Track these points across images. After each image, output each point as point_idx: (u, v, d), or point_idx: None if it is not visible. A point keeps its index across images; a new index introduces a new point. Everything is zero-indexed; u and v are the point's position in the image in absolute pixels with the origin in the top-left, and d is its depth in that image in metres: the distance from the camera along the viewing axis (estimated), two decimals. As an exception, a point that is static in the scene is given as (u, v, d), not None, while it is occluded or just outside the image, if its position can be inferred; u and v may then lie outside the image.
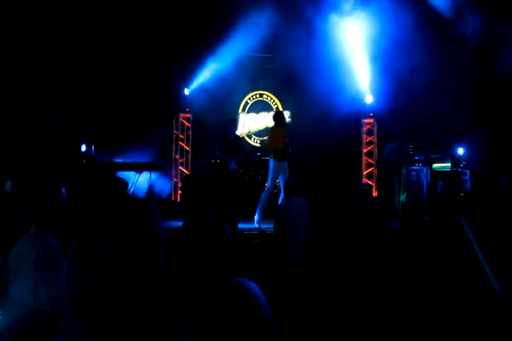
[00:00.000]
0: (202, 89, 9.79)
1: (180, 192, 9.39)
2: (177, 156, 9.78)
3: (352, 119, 10.53)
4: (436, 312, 3.17)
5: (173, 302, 2.09)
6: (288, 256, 5.03)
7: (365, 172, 10.78)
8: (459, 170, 9.42)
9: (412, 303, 3.54)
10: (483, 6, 8.87)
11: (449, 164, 9.61)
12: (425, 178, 9.70)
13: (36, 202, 2.01)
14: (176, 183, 9.63)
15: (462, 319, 2.87)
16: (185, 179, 2.66)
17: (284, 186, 5.51)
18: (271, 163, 6.80)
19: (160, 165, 7.58)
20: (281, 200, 5.66)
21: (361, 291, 4.64)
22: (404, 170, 8.72)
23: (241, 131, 10.54)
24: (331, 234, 5.48)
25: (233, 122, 8.22)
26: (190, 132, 9.96)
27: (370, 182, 10.66)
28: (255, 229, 6.76)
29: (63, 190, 2.09)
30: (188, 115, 9.90)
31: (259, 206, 6.82)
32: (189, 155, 9.92)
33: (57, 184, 2.07)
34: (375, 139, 10.72)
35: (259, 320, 0.94)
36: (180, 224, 2.51)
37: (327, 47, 9.60)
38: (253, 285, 1.00)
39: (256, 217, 6.81)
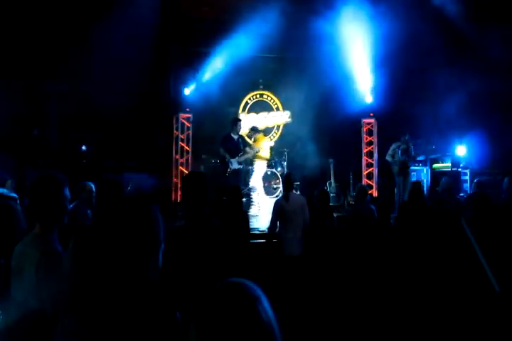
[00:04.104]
0: (202, 89, 9.78)
1: (180, 191, 9.39)
2: (177, 156, 9.78)
3: (352, 119, 10.53)
4: (435, 311, 3.17)
5: (174, 301, 2.09)
6: (287, 252, 5.03)
7: (365, 172, 10.78)
8: (459, 170, 9.42)
9: (412, 302, 3.54)
10: (482, 6, 8.88)
11: (449, 164, 9.61)
12: (425, 178, 9.71)
13: (40, 202, 2.01)
14: (176, 183, 9.63)
15: (462, 319, 2.87)
16: (185, 177, 2.64)
17: (284, 181, 5.48)
18: None
19: (159, 165, 7.59)
20: (281, 195, 5.61)
21: (360, 289, 4.65)
22: (410, 171, 8.73)
23: (241, 131, 10.53)
24: (330, 232, 5.49)
25: (237, 122, 8.19)
26: (190, 132, 9.96)
27: (370, 182, 10.67)
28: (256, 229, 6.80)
29: (67, 190, 2.09)
30: (188, 115, 9.90)
31: None
32: (189, 155, 9.92)
33: (61, 184, 2.07)
34: (375, 139, 10.72)
35: (259, 320, 0.94)
36: (180, 223, 2.51)
37: (328, 47, 9.60)
38: (253, 286, 1.00)
39: None
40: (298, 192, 9.43)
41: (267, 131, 11.23)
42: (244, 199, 8.08)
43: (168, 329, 1.27)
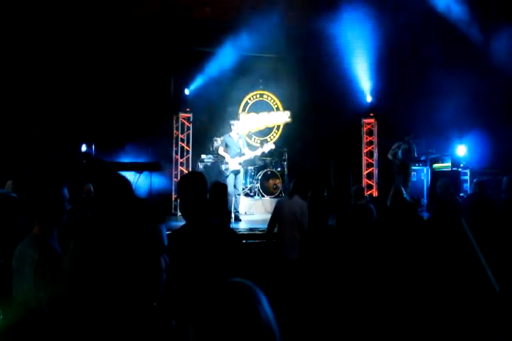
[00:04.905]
0: (202, 89, 9.79)
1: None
2: (177, 156, 9.78)
3: (352, 119, 10.53)
4: (436, 311, 3.17)
5: (176, 302, 2.09)
6: (285, 255, 5.04)
7: (366, 172, 10.78)
8: (459, 170, 9.42)
9: (410, 303, 3.54)
10: (483, 6, 8.88)
11: (449, 164, 9.62)
12: (425, 178, 9.71)
13: (39, 202, 2.01)
14: (176, 183, 9.63)
15: (462, 319, 2.87)
16: (183, 178, 2.59)
17: (296, 184, 5.44)
18: None
19: (159, 164, 7.59)
20: (283, 196, 5.59)
21: (358, 292, 4.65)
22: (410, 171, 8.71)
23: (241, 131, 10.54)
24: (329, 234, 5.49)
25: (237, 122, 8.20)
26: (190, 132, 9.96)
27: (370, 182, 10.68)
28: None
29: (65, 190, 2.08)
30: (188, 115, 9.90)
31: None
32: (189, 155, 9.93)
33: (59, 184, 2.07)
34: (376, 139, 10.73)
35: (259, 321, 0.93)
36: (180, 224, 2.49)
37: (328, 47, 9.60)
38: (252, 286, 1.00)
39: None
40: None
41: (266, 132, 11.23)
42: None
43: (163, 331, 1.27)
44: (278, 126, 11.33)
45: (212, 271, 2.18)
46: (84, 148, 9.32)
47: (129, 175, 7.20)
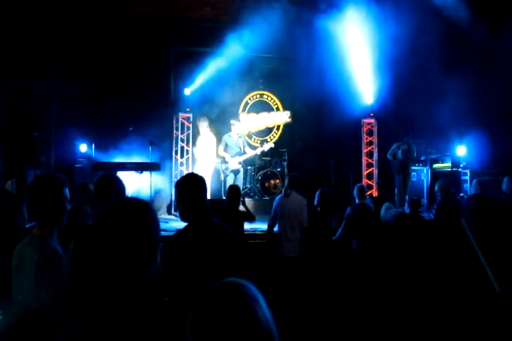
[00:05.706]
0: (202, 89, 9.79)
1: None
2: (177, 156, 9.78)
3: (352, 119, 10.53)
4: (435, 311, 3.17)
5: (177, 303, 2.09)
6: (285, 253, 5.04)
7: (366, 172, 10.78)
8: (459, 170, 9.42)
9: (410, 302, 3.54)
10: (484, 7, 8.89)
11: (449, 164, 9.62)
12: (425, 178, 9.71)
13: (39, 203, 2.01)
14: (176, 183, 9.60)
15: (462, 319, 2.87)
16: (183, 179, 2.56)
17: (290, 179, 5.42)
18: None
19: (159, 164, 7.58)
20: (282, 194, 5.55)
21: (359, 289, 4.64)
22: (410, 171, 8.69)
23: (241, 131, 10.54)
24: (330, 230, 5.49)
25: (237, 123, 8.22)
26: (190, 132, 9.96)
27: (370, 182, 10.67)
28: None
29: (66, 190, 2.08)
30: (188, 115, 9.90)
31: None
32: (189, 155, 9.93)
33: (60, 184, 2.06)
34: (376, 139, 10.72)
35: (257, 321, 0.93)
36: (179, 223, 2.49)
37: (328, 47, 9.60)
38: (250, 285, 0.99)
39: None
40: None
41: (266, 132, 11.23)
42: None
43: (166, 325, 1.27)
44: (278, 126, 11.32)
45: (216, 272, 2.18)
46: (83, 148, 9.32)
47: (129, 175, 7.18)
